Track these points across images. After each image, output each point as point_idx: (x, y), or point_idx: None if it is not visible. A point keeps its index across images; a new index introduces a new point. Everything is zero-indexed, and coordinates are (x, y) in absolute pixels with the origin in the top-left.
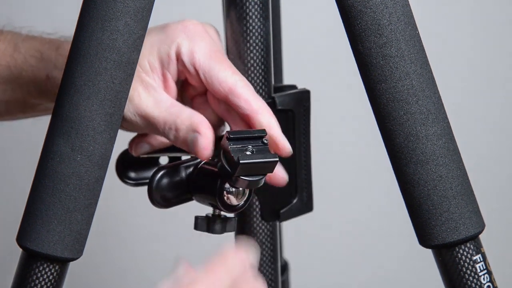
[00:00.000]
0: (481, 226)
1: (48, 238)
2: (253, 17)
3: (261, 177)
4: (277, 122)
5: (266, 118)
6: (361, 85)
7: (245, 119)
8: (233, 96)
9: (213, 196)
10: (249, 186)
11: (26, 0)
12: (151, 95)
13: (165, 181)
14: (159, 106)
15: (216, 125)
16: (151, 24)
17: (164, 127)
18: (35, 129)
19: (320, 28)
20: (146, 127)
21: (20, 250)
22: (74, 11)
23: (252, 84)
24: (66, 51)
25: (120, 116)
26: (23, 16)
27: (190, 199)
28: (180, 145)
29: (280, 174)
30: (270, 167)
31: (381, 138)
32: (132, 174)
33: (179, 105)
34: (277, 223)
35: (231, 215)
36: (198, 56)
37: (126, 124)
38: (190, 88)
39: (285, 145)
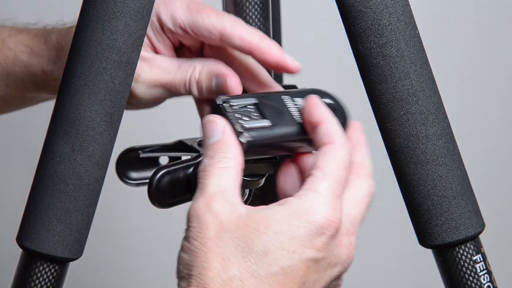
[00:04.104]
0: (481, 226)
1: (48, 238)
2: (253, 17)
3: (261, 177)
4: (278, 45)
5: (265, 45)
6: (361, 85)
7: (251, 55)
8: (226, 38)
9: None
10: (249, 186)
11: None
12: (154, 65)
13: (165, 181)
14: (168, 70)
15: None
16: None
17: (185, 85)
18: (35, 129)
19: (320, 28)
20: (166, 94)
21: (20, 250)
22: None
23: None
24: (54, 42)
25: (120, 116)
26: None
27: (190, 199)
28: (208, 95)
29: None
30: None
31: (381, 138)
32: (132, 174)
33: (186, 60)
34: None
35: None
36: (178, 17)
37: (140, 102)
38: (186, 51)
39: (293, 64)
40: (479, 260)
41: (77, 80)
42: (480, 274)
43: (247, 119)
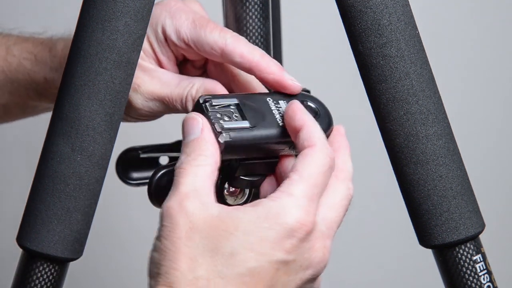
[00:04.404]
0: (481, 226)
1: (48, 238)
2: (253, 17)
3: (261, 177)
4: (279, 64)
5: (265, 63)
6: (361, 85)
7: (251, 72)
8: (227, 55)
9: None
10: (249, 186)
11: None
12: (155, 77)
13: (165, 181)
14: (168, 84)
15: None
16: None
17: (182, 101)
18: (35, 129)
19: (320, 28)
20: (163, 108)
21: (20, 250)
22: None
23: None
24: (59, 51)
25: (120, 116)
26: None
27: None
28: None
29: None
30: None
31: (381, 138)
32: (132, 174)
33: (187, 77)
34: None
35: None
36: (183, 30)
37: (139, 114)
38: (190, 66)
39: (292, 84)
40: (479, 260)
41: (77, 80)
42: (480, 274)
43: (227, 119)
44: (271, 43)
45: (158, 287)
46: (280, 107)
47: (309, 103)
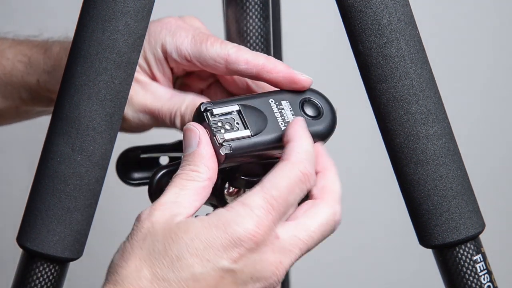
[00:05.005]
0: (481, 226)
1: (48, 238)
2: (253, 17)
3: (261, 177)
4: (284, 63)
5: (271, 64)
6: (361, 85)
7: (259, 77)
8: (232, 64)
9: (213, 196)
10: (249, 186)
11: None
12: (149, 91)
13: (165, 181)
14: (160, 99)
15: None
16: None
17: (170, 116)
18: (35, 129)
19: (320, 28)
20: (152, 122)
21: (20, 250)
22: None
23: None
24: (54, 54)
25: (120, 116)
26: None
27: None
28: None
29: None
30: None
31: (381, 138)
32: (132, 174)
33: (179, 93)
34: None
35: None
36: (184, 48)
37: (129, 126)
38: (195, 77)
39: (303, 78)
40: (479, 260)
41: (77, 80)
42: (480, 274)
43: (228, 128)
44: (271, 43)
45: (105, 285)
46: (283, 109)
47: (313, 100)
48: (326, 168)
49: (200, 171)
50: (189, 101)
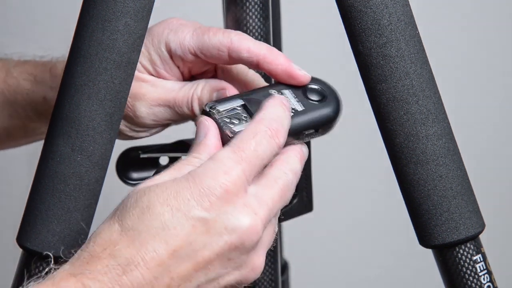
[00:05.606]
0: (481, 226)
1: (48, 238)
2: (253, 17)
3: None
4: (286, 56)
5: (272, 55)
6: (361, 85)
7: (259, 67)
8: (234, 52)
9: None
10: None
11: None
12: (158, 86)
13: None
14: (172, 89)
15: None
16: (151, 24)
17: (187, 102)
18: None
19: (320, 28)
20: (169, 114)
21: (20, 250)
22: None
23: None
24: (59, 71)
25: (120, 116)
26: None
27: None
28: None
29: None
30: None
31: (381, 138)
32: (132, 174)
33: (189, 82)
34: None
35: None
36: (187, 41)
37: (142, 123)
38: (205, 73)
39: (301, 73)
40: (479, 260)
41: (77, 80)
42: (480, 274)
43: (236, 122)
44: (271, 43)
45: (81, 249)
46: (286, 97)
47: (314, 86)
48: (289, 150)
49: (201, 158)
50: (204, 83)
